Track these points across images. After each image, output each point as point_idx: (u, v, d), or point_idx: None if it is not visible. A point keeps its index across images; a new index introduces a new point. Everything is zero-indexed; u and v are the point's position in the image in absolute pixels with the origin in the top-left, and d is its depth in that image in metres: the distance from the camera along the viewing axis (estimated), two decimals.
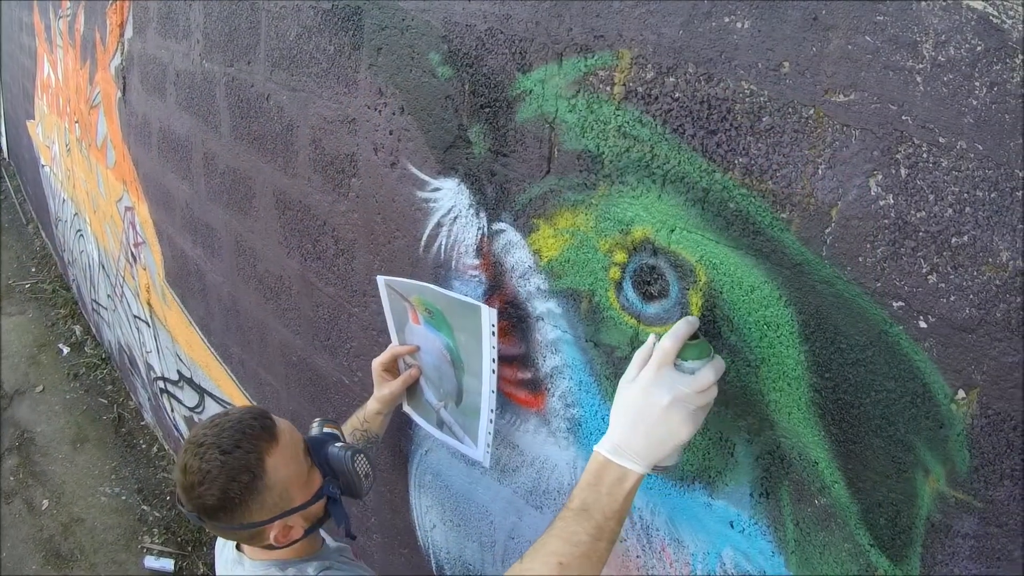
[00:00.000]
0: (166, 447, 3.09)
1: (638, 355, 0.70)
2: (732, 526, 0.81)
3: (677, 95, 0.74)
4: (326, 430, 0.98)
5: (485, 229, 0.99)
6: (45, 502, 2.67)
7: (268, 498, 0.82)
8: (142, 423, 3.32)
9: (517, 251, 0.95)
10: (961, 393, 0.61)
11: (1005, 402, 0.59)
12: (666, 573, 0.90)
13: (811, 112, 0.64)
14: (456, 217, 1.05)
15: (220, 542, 0.98)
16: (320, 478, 0.89)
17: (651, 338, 0.70)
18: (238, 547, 0.91)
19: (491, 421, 1.00)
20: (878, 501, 0.69)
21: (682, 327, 0.68)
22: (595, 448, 0.70)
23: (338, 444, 0.94)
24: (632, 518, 0.92)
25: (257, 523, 0.82)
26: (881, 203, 0.61)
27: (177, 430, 2.78)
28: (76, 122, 3.53)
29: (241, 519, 0.82)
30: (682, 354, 0.68)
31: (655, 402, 0.66)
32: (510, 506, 1.09)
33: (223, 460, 0.80)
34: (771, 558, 0.79)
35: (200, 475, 0.80)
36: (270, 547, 0.85)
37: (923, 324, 0.61)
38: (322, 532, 0.99)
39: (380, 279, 1.09)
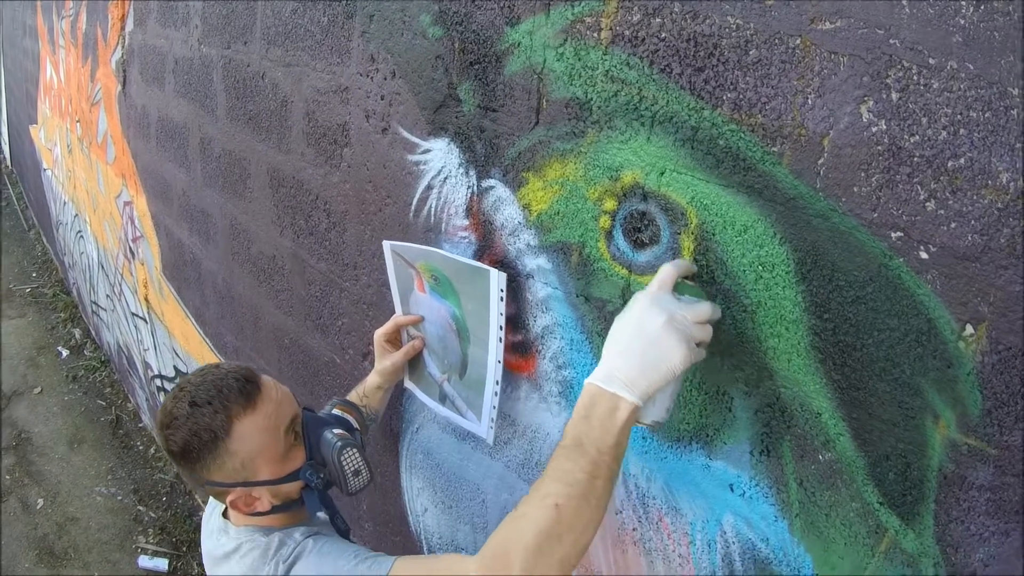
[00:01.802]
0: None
1: (635, 296, 0.70)
2: (732, 489, 0.80)
3: (663, 35, 0.74)
4: (335, 412, 0.96)
5: (475, 187, 1.00)
6: (40, 501, 2.70)
7: (228, 462, 0.81)
8: (139, 425, 3.36)
9: (507, 207, 0.95)
10: (969, 329, 0.60)
11: (1015, 335, 0.57)
12: (664, 545, 0.88)
13: (798, 42, 0.64)
14: (446, 178, 1.05)
15: (206, 513, 0.98)
16: (303, 460, 0.86)
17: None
18: (224, 514, 0.91)
19: (496, 394, 0.98)
20: (886, 453, 0.67)
21: (684, 261, 0.68)
22: (586, 381, 0.68)
23: (335, 431, 0.89)
24: (628, 487, 0.91)
25: (215, 483, 0.82)
26: (873, 129, 0.60)
27: None
28: (77, 121, 3.62)
29: (200, 474, 0.82)
30: (679, 289, 0.68)
31: (651, 321, 0.65)
32: (502, 482, 1.08)
33: (190, 412, 0.80)
34: (774, 523, 0.78)
35: (169, 418, 0.81)
36: (254, 513, 0.84)
37: (924, 255, 0.60)
38: None
39: (386, 244, 1.08)
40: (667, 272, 0.67)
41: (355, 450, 0.88)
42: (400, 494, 1.35)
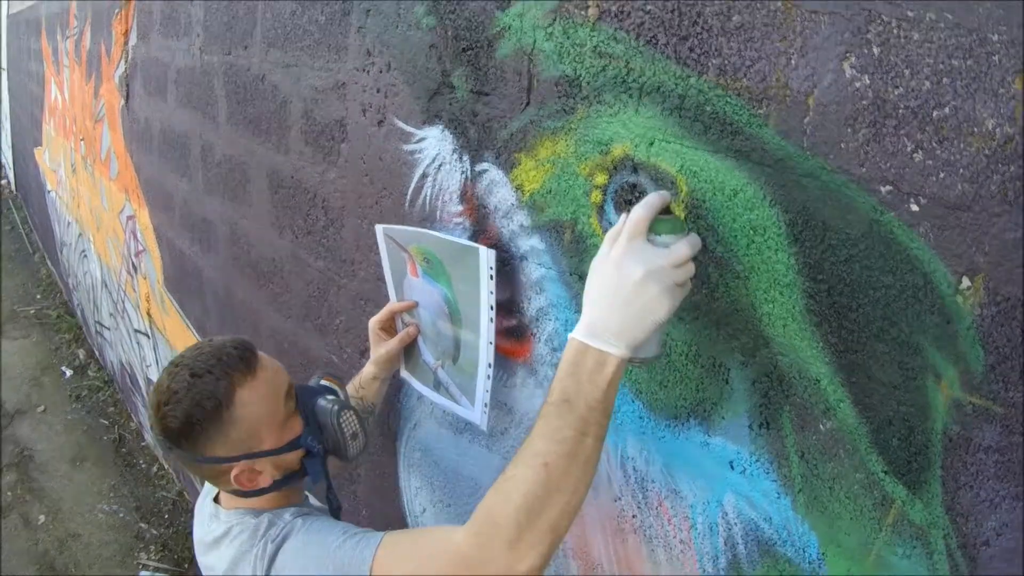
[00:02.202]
0: (166, 466, 3.14)
1: (609, 234, 0.69)
2: (732, 467, 0.79)
3: (648, 7, 0.76)
4: (323, 382, 0.98)
5: (468, 172, 1.02)
6: (42, 517, 2.73)
7: (233, 432, 0.81)
8: (142, 443, 3.38)
9: (500, 189, 0.97)
10: (965, 282, 0.60)
11: (1013, 285, 0.57)
12: (664, 532, 0.88)
13: (779, 4, 0.66)
14: (441, 165, 1.07)
15: (198, 504, 0.98)
16: (301, 428, 0.88)
17: (622, 217, 0.70)
18: (216, 500, 0.92)
19: (488, 377, 0.99)
20: (888, 418, 0.67)
21: (654, 198, 0.68)
22: (570, 335, 0.68)
23: (328, 397, 0.91)
24: (626, 470, 0.91)
25: (219, 458, 0.82)
26: (857, 85, 0.62)
27: None
28: (81, 140, 3.73)
29: (202, 449, 0.82)
30: (655, 228, 0.68)
31: (628, 275, 0.64)
32: None
33: (191, 382, 0.80)
34: (776, 500, 0.77)
35: (167, 394, 0.81)
36: (244, 494, 0.85)
37: (915, 207, 0.61)
38: (310, 496, 0.99)
39: (378, 228, 1.11)
40: (638, 217, 0.66)
41: (352, 412, 0.90)
42: (399, 495, 1.35)
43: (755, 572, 0.81)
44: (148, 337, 2.97)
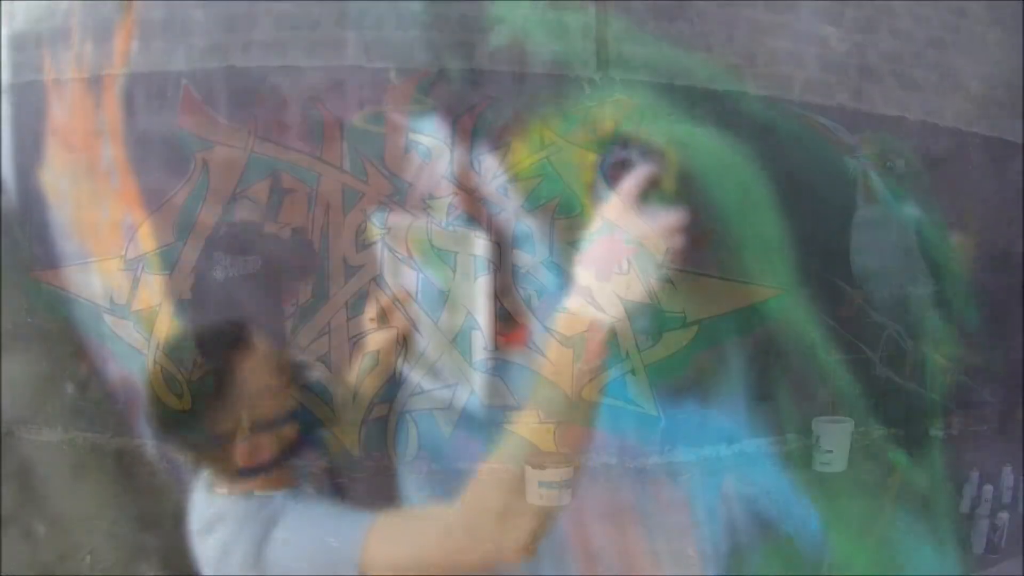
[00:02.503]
0: (167, 478, 3.15)
1: (600, 210, 0.71)
2: (730, 443, 0.80)
3: None
4: (308, 360, 1.00)
5: (465, 160, 1.04)
6: (42, 528, 2.72)
7: (238, 407, 0.82)
8: (144, 455, 3.39)
9: (496, 177, 0.99)
10: (957, 236, 0.62)
11: (1004, 239, 0.59)
12: (664, 519, 0.88)
13: None
14: (438, 156, 1.10)
15: (194, 495, 0.99)
16: (297, 400, 0.90)
17: (613, 193, 0.72)
18: (210, 488, 0.92)
19: (486, 365, 1.00)
20: (886, 382, 0.68)
21: (642, 171, 0.70)
22: (561, 305, 0.70)
23: (317, 371, 0.97)
24: (623, 458, 0.91)
25: (224, 436, 0.83)
26: (842, 50, 0.64)
27: None
28: (83, 153, 3.79)
29: (208, 429, 0.83)
30: (644, 200, 0.70)
31: (618, 244, 0.67)
32: None
33: (192, 362, 0.81)
34: (776, 475, 0.78)
35: (167, 379, 0.83)
36: (244, 473, 0.85)
37: (903, 165, 0.62)
38: (304, 482, 1.00)
39: (376, 220, 1.14)
40: (627, 189, 0.69)
41: (340, 382, 0.92)
42: (397, 496, 1.35)
43: (756, 554, 0.81)
44: (149, 347, 2.99)
